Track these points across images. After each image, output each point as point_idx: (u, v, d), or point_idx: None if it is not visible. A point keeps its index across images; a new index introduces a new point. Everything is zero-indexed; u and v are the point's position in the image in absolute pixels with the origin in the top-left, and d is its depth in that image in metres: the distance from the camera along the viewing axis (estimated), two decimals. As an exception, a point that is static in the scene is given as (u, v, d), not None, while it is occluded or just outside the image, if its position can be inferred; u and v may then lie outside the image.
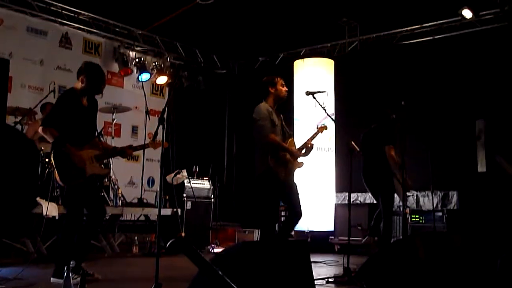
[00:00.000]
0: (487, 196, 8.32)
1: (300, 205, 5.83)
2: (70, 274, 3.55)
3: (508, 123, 8.57)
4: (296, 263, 3.83)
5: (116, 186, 8.31)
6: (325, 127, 6.18)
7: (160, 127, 4.38)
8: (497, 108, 8.81)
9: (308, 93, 5.94)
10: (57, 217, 6.82)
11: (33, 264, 5.96)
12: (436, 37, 9.87)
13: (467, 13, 9.00)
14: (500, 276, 4.44)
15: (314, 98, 5.93)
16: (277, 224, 5.99)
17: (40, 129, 5.19)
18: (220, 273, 2.49)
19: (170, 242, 2.42)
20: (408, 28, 10.12)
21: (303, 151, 6.01)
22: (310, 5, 9.58)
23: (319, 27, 10.52)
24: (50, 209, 6.73)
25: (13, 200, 5.06)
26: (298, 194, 5.90)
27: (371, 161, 7.33)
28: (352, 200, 7.10)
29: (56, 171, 5.07)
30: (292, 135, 6.04)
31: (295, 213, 5.83)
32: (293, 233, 7.86)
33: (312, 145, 6.05)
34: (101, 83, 5.43)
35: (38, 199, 6.81)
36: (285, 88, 5.99)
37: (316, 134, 6.18)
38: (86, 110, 5.37)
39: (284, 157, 5.73)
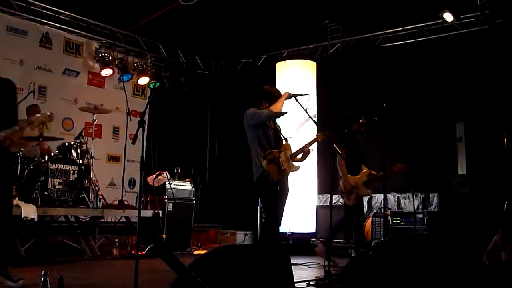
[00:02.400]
0: (468, 198, 8.38)
1: (282, 214, 5.83)
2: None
3: (488, 126, 8.66)
4: (277, 266, 3.82)
5: (96, 188, 8.24)
6: (322, 136, 6.12)
7: (140, 129, 4.33)
8: (477, 111, 8.89)
9: (290, 96, 5.92)
10: (36, 219, 6.75)
11: (11, 266, 5.88)
12: (417, 39, 9.93)
13: (448, 16, 9.06)
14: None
15: (297, 100, 5.92)
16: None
17: None
18: (198, 279, 2.48)
19: (148, 247, 2.39)
20: (390, 30, 10.18)
21: (300, 155, 5.98)
22: (292, 7, 9.59)
23: (301, 29, 10.53)
24: (29, 211, 6.67)
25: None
26: (286, 200, 5.88)
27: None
28: (333, 202, 7.13)
29: None
30: (286, 139, 6.00)
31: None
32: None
33: (309, 150, 6.03)
34: None
35: (16, 200, 6.74)
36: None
37: (314, 140, 6.16)
38: None
39: (277, 159, 5.72)
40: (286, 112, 5.97)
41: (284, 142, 5.94)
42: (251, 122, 5.81)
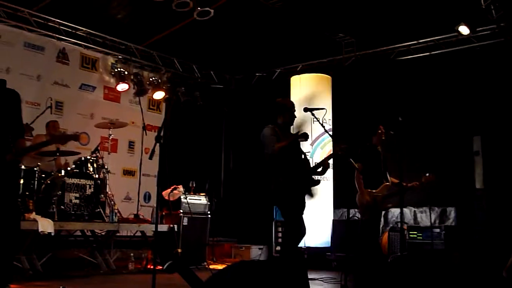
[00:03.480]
0: (485, 212, 8.29)
1: (304, 224, 5.83)
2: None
3: (506, 140, 8.58)
4: (294, 282, 3.80)
5: (112, 202, 8.25)
6: (341, 149, 6.07)
7: (157, 145, 4.34)
8: (494, 125, 8.81)
9: (306, 110, 5.92)
10: (52, 233, 6.77)
11: (28, 281, 5.91)
12: (432, 53, 9.89)
13: (464, 30, 8.99)
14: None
15: (313, 115, 5.92)
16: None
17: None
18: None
19: (168, 263, 2.38)
20: (405, 44, 10.15)
21: (320, 169, 5.96)
22: (306, 20, 9.60)
23: (315, 43, 10.53)
24: (46, 225, 6.69)
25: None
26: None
27: None
28: (349, 216, 7.09)
29: None
30: (305, 154, 6.00)
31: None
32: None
33: (329, 164, 6.01)
34: None
35: (33, 215, 6.77)
36: (294, 116, 5.99)
37: (334, 154, 6.13)
38: None
39: (294, 175, 5.71)
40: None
41: (303, 157, 5.94)
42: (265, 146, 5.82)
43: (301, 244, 9.00)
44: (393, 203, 7.33)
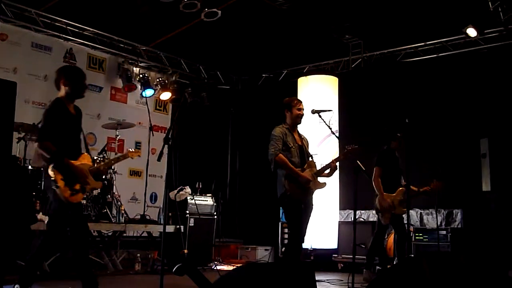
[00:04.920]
0: (492, 215, 8.26)
1: (305, 231, 5.82)
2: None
3: (513, 142, 8.55)
4: (302, 285, 3.80)
5: (119, 203, 8.27)
6: (350, 151, 6.04)
7: (166, 146, 4.35)
8: (501, 127, 8.78)
9: (314, 112, 5.93)
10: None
11: (36, 281, 5.91)
12: (440, 54, 9.87)
13: (471, 32, 8.96)
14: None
15: (320, 116, 5.92)
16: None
17: (36, 145, 4.96)
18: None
19: (177, 266, 2.39)
20: (412, 45, 10.13)
21: (327, 171, 5.97)
22: (313, 22, 9.61)
23: (322, 44, 10.54)
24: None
25: (11, 219, 4.87)
26: (309, 218, 5.88)
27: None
28: (356, 217, 7.07)
29: (57, 187, 4.74)
30: (312, 156, 6.00)
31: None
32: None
33: (336, 166, 6.01)
34: (83, 82, 5.17)
35: (40, 215, 6.79)
36: (300, 112, 5.98)
37: (340, 157, 6.13)
38: (75, 120, 5.17)
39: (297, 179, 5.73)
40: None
41: (309, 159, 5.94)
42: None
43: (308, 246, 9.04)
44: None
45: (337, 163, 6.02)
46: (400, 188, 7.21)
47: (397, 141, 7.40)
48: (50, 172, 4.74)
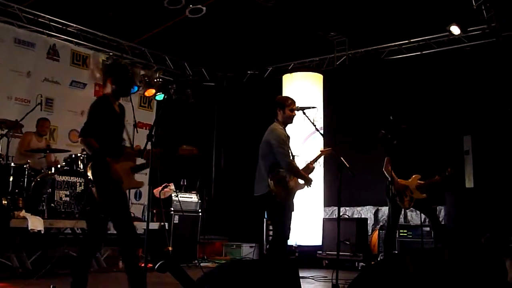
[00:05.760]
0: (475, 211, 8.32)
1: (289, 230, 5.81)
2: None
3: (495, 139, 8.61)
4: (285, 281, 3.80)
5: (103, 200, 8.21)
6: (328, 150, 6.10)
7: (149, 143, 4.32)
8: (484, 124, 8.85)
9: (298, 109, 5.91)
10: (42, 231, 6.74)
11: (19, 279, 5.88)
12: (424, 52, 9.93)
13: (455, 30, 9.05)
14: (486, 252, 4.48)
15: (304, 113, 5.90)
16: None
17: (79, 140, 4.84)
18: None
19: (159, 263, 2.38)
20: (397, 43, 10.18)
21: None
22: (299, 19, 9.61)
23: (307, 41, 10.54)
24: (35, 223, 6.66)
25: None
26: (291, 217, 5.84)
27: None
28: (340, 214, 7.09)
29: (94, 186, 4.65)
30: (294, 157, 5.98)
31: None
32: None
33: (313, 167, 6.00)
34: (130, 80, 5.03)
35: (23, 213, 6.73)
36: (293, 113, 5.90)
37: (319, 156, 6.14)
38: (119, 117, 5.11)
39: (283, 178, 5.70)
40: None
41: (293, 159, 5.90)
42: (274, 148, 5.76)
43: (293, 243, 9.05)
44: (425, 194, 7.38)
45: (314, 165, 6.02)
46: (414, 176, 7.27)
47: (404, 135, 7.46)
48: (88, 172, 4.68)
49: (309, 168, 5.93)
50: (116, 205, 4.71)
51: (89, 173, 4.65)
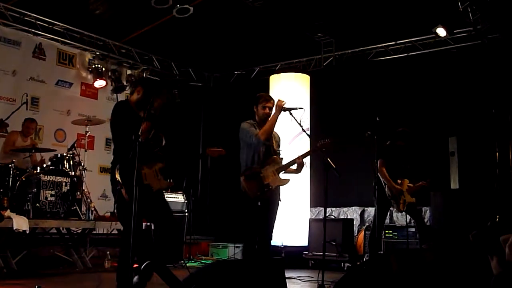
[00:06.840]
0: (460, 212, 8.38)
1: (273, 228, 5.76)
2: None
3: (481, 140, 8.68)
4: (271, 281, 3.81)
5: (88, 199, 8.19)
6: (325, 145, 6.02)
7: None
8: (469, 125, 8.92)
9: (285, 109, 5.89)
10: (27, 231, 6.70)
11: (3, 279, 5.84)
12: (410, 54, 9.99)
13: (441, 31, 9.12)
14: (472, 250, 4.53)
15: (291, 114, 5.88)
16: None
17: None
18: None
19: (145, 264, 2.37)
20: (383, 44, 10.23)
21: (294, 167, 5.87)
22: (286, 20, 9.63)
23: (294, 42, 10.57)
24: (20, 223, 6.62)
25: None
26: (274, 215, 5.79)
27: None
28: (326, 215, 7.11)
29: (123, 187, 4.74)
30: (276, 152, 5.92)
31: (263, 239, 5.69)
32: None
33: (302, 162, 5.90)
34: (156, 99, 5.18)
35: (8, 212, 6.69)
36: (265, 111, 5.84)
37: (308, 153, 6.08)
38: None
39: (257, 174, 5.65)
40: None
41: (272, 156, 5.84)
42: (244, 140, 5.77)
43: (279, 243, 9.06)
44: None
45: (304, 159, 5.95)
46: (405, 180, 7.32)
47: (402, 138, 7.48)
48: (116, 174, 4.80)
49: (297, 162, 5.81)
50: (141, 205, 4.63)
51: (117, 175, 4.77)
